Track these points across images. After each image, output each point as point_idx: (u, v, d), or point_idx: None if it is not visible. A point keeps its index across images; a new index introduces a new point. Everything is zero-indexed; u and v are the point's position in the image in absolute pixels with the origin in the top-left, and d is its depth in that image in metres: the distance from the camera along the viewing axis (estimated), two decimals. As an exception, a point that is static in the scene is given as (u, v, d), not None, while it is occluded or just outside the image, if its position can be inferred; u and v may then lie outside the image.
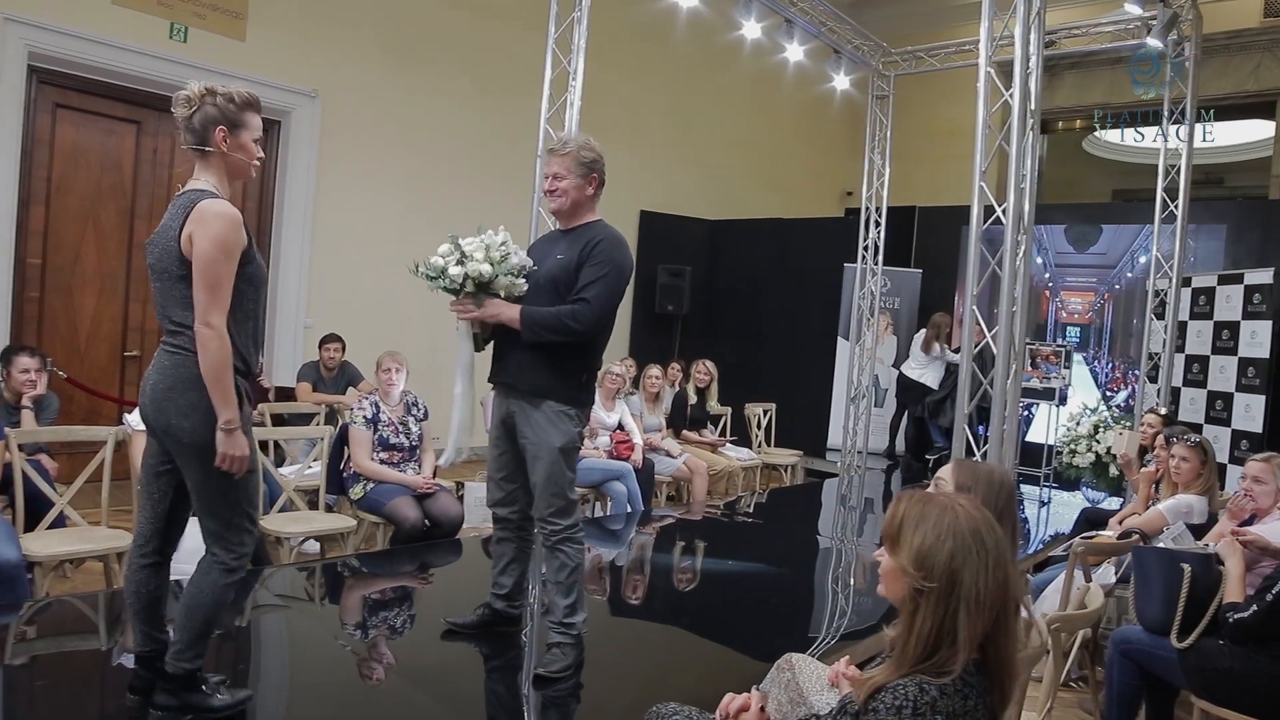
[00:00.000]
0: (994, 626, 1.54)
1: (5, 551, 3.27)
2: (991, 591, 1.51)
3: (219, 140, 2.34)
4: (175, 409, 2.27)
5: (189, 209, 2.25)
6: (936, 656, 1.52)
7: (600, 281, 2.81)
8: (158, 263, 2.31)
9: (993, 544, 1.53)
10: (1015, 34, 3.79)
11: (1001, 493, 2.19)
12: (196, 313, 2.23)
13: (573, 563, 2.90)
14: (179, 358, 2.28)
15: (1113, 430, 6.95)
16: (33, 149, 5.95)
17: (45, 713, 2.60)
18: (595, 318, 2.82)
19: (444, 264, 2.82)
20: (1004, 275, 3.81)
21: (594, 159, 2.95)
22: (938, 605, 1.51)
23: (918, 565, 1.53)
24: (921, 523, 1.55)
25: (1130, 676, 3.18)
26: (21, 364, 4.26)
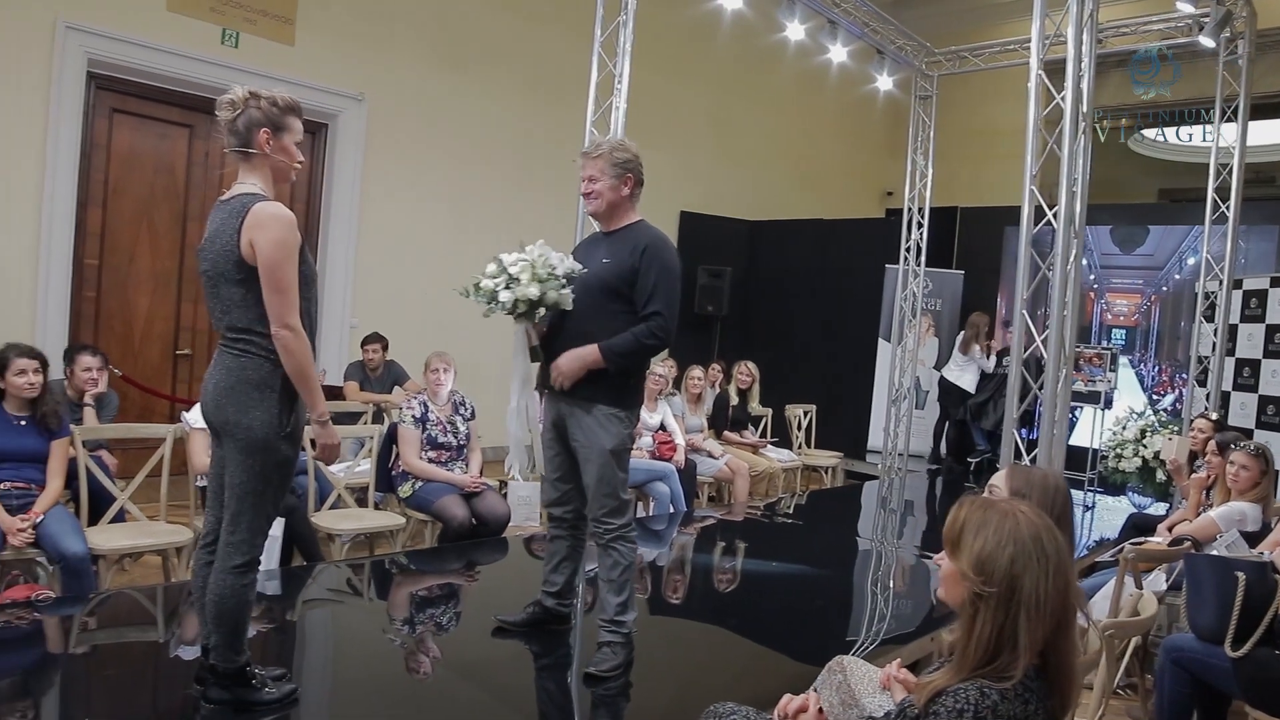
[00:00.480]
0: (1055, 633, 1.54)
1: (73, 545, 3.38)
2: (1052, 598, 1.52)
3: (262, 142, 2.38)
4: (234, 407, 2.31)
5: (243, 213, 2.28)
6: (997, 661, 1.52)
7: (660, 290, 2.87)
8: (213, 268, 2.34)
9: (1053, 550, 1.54)
10: (1068, 34, 3.75)
11: (1057, 498, 2.18)
12: (271, 316, 2.27)
13: (625, 561, 2.94)
14: (243, 359, 2.32)
15: (1160, 435, 6.84)
16: (91, 153, 6.12)
17: (110, 701, 2.69)
18: (671, 328, 2.90)
19: (493, 287, 2.87)
20: (1054, 279, 3.78)
21: (628, 159, 2.97)
22: (998, 610, 1.52)
23: (978, 570, 1.54)
24: (983, 528, 1.56)
25: (1182, 685, 3.14)
26: (84, 362, 4.38)
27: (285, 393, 2.35)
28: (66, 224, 5.96)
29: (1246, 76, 6.58)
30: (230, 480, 2.36)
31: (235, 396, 2.31)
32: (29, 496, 3.52)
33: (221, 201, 2.39)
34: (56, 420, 3.65)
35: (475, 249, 7.95)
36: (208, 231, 2.38)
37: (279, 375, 2.33)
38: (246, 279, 2.29)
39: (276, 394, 2.33)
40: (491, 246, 8.55)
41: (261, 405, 2.30)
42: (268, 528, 2.44)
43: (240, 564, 2.36)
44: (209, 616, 2.38)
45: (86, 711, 2.61)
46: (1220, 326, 6.76)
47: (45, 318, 5.88)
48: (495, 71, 8.05)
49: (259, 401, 2.30)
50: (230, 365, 2.33)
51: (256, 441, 2.30)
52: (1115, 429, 7.44)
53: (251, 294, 2.30)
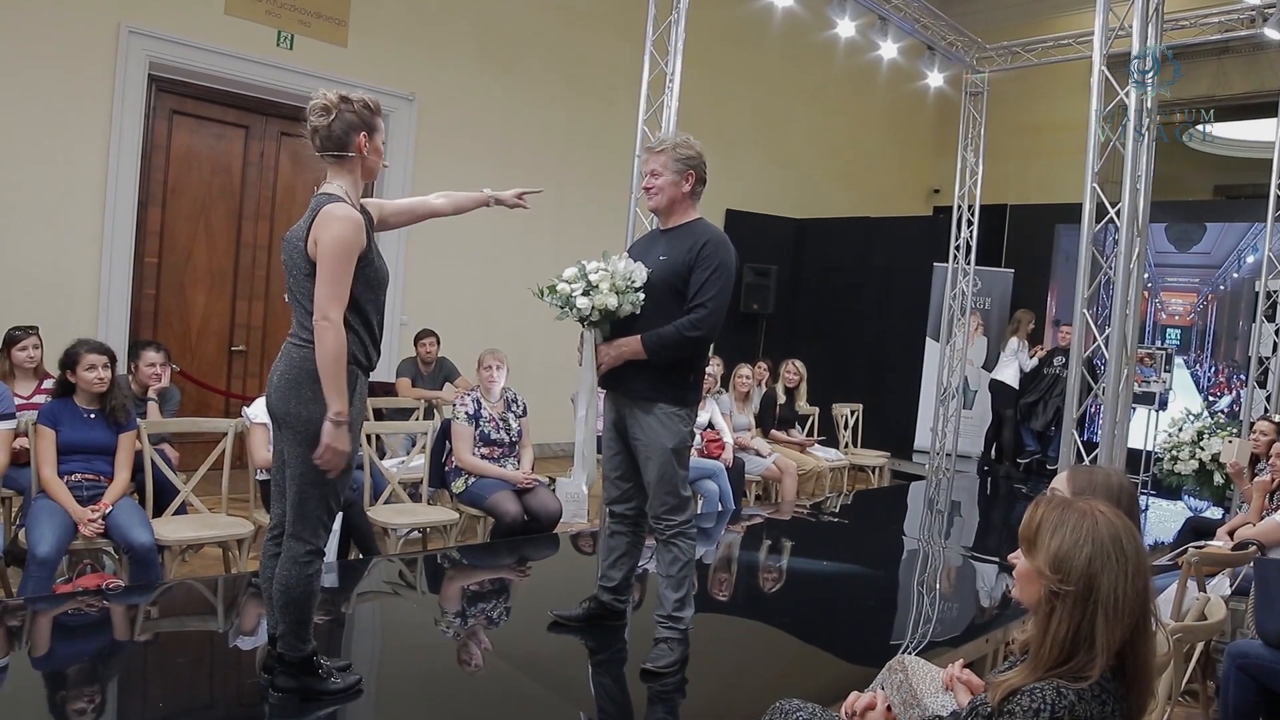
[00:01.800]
0: (1133, 634, 1.53)
1: (141, 535, 3.47)
2: (1130, 599, 1.51)
3: (360, 145, 2.44)
4: (298, 398, 2.36)
5: (315, 212, 2.36)
6: (1073, 661, 1.51)
7: (711, 283, 2.85)
8: (288, 260, 2.43)
9: (1133, 551, 1.52)
10: (1133, 27, 3.68)
11: (1123, 498, 2.15)
12: (315, 305, 2.31)
13: (685, 557, 2.95)
14: (306, 351, 2.36)
15: (1218, 437, 6.69)
16: (151, 153, 6.27)
17: (175, 688, 2.76)
18: (715, 323, 2.87)
19: (570, 292, 2.88)
20: (1116, 279, 3.72)
21: (690, 155, 2.97)
22: (1074, 609, 1.51)
23: (1055, 568, 1.53)
24: (1060, 527, 1.55)
25: (1248, 692, 3.08)
26: (148, 358, 4.49)
27: (356, 391, 2.41)
28: (128, 223, 6.12)
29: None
30: (291, 472, 2.41)
31: (298, 389, 2.36)
32: (99, 488, 3.62)
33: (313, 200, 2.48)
34: (125, 414, 3.75)
35: (522, 248, 8.11)
36: (292, 229, 2.47)
37: (350, 373, 2.38)
38: (312, 274, 2.35)
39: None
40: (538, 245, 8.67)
41: (322, 398, 2.33)
42: (330, 519, 2.48)
43: (305, 554, 2.41)
44: (276, 606, 2.44)
45: (152, 698, 2.67)
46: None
47: (107, 314, 6.04)
48: (543, 71, 8.11)
49: (320, 394, 2.33)
50: (294, 358, 2.39)
51: (317, 434, 2.34)
52: (1171, 431, 7.29)
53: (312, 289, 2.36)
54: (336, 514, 2.57)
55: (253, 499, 4.26)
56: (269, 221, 6.89)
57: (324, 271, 2.31)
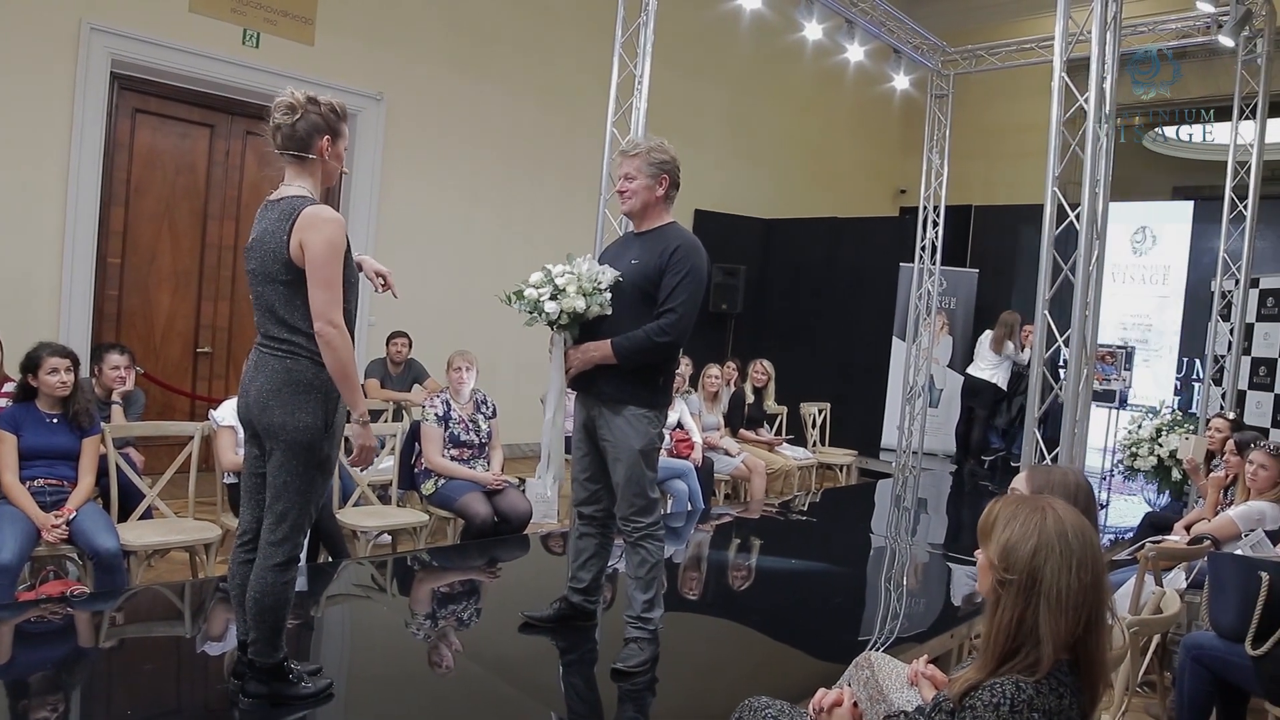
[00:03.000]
0: (1085, 628, 1.57)
1: (106, 541, 3.43)
2: (1074, 591, 1.55)
3: (322, 148, 2.39)
4: (281, 409, 2.32)
5: (293, 215, 2.29)
6: (1020, 654, 1.56)
7: (681, 288, 2.86)
8: (260, 268, 2.34)
9: (1079, 546, 1.57)
10: (1092, 34, 3.76)
11: (1079, 495, 2.21)
12: (315, 313, 2.28)
13: (653, 559, 2.97)
14: (288, 361, 2.33)
15: (1175, 434, 6.84)
16: (114, 152, 6.19)
17: (143, 695, 2.73)
18: (684, 327, 2.88)
19: (537, 297, 2.89)
20: (1077, 280, 3.80)
21: (665, 159, 2.98)
22: (1018, 598, 1.57)
23: (1002, 559, 1.60)
24: (1011, 521, 1.62)
25: (1202, 682, 3.16)
26: (113, 361, 4.44)
27: (329, 394, 2.37)
28: (90, 223, 6.03)
29: (1266, 75, 6.57)
30: (274, 480, 2.37)
31: (282, 399, 2.32)
32: (62, 493, 3.57)
33: (270, 202, 2.40)
34: (88, 418, 3.70)
35: (493, 248, 8.09)
36: (256, 231, 2.39)
37: (323, 377, 2.34)
38: (294, 280, 2.30)
39: (322, 395, 2.35)
40: (509, 247, 8.63)
41: (307, 407, 2.32)
42: (309, 525, 2.47)
43: (281, 561, 2.38)
44: (249, 614, 2.40)
45: (118, 706, 2.65)
46: (1237, 325, 6.75)
47: (69, 316, 5.95)
48: (513, 71, 8.09)
49: (305, 404, 2.32)
50: (276, 368, 2.34)
51: (302, 443, 2.32)
52: (1131, 428, 7.44)
53: (299, 295, 2.31)
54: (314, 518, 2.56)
55: (220, 503, 4.23)
56: (235, 221, 6.83)
57: (319, 276, 2.27)
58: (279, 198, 2.39)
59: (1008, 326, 7.90)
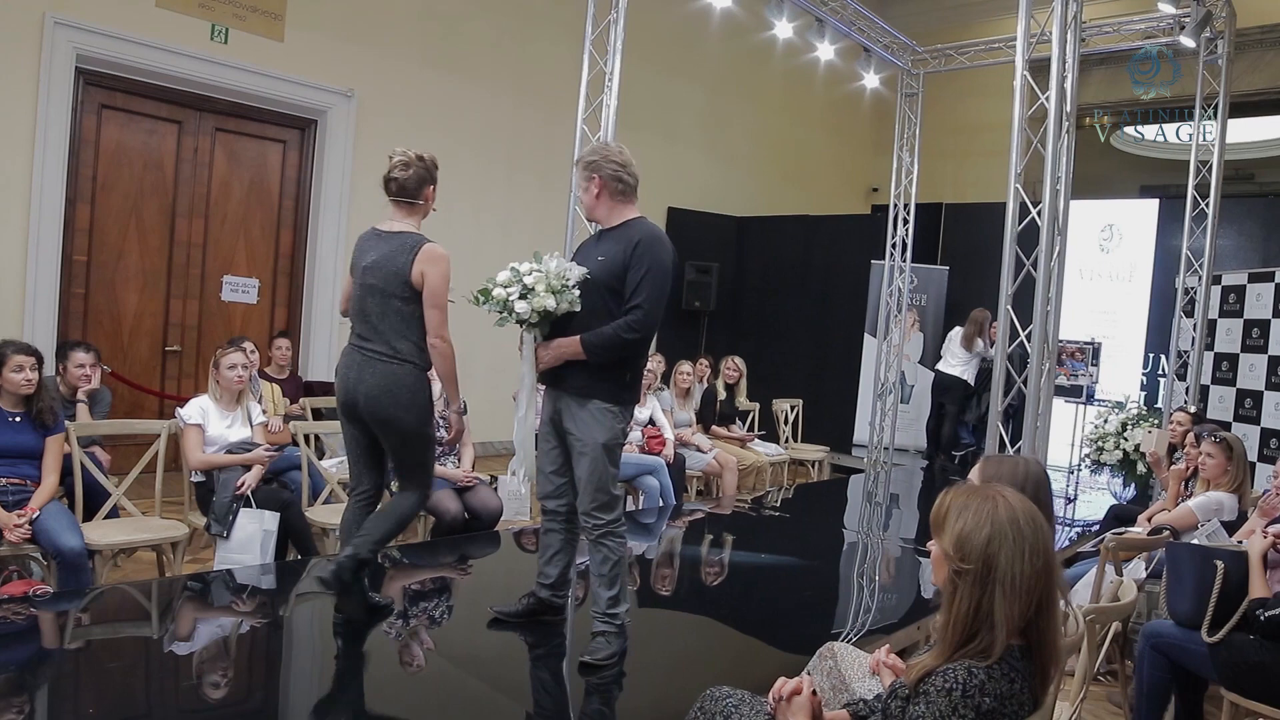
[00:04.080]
0: (1036, 613, 1.61)
1: (70, 540, 3.40)
2: (1028, 577, 1.59)
3: (429, 195, 3.11)
4: (395, 406, 2.99)
5: (415, 249, 2.98)
6: (976, 639, 1.60)
7: (645, 284, 2.88)
8: (383, 286, 2.98)
9: (1030, 532, 1.61)
10: (1053, 34, 3.82)
11: (1028, 484, 2.24)
12: (431, 329, 2.99)
13: (615, 556, 2.98)
14: (395, 367, 2.99)
15: (1140, 428, 6.95)
16: (79, 149, 6.11)
17: (108, 696, 2.71)
18: (650, 323, 2.92)
19: (506, 296, 2.91)
20: (1039, 275, 3.86)
21: (591, 160, 3.04)
22: (974, 587, 1.61)
23: (957, 549, 1.63)
24: (964, 511, 1.65)
25: (1160, 670, 3.22)
26: (78, 359, 4.40)
27: (426, 391, 3.08)
28: (55, 220, 5.95)
29: (1226, 76, 6.68)
30: (400, 459, 3.14)
31: (396, 398, 2.99)
32: (25, 493, 3.54)
33: (384, 233, 3.08)
34: (52, 416, 3.66)
35: (468, 247, 8.06)
36: (374, 255, 3.02)
37: (423, 380, 3.04)
38: (410, 299, 2.98)
39: (423, 394, 3.05)
40: (483, 244, 8.65)
41: (415, 405, 3.02)
42: (432, 475, 3.26)
43: (418, 500, 3.21)
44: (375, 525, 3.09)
45: (84, 706, 2.63)
46: (1199, 322, 6.87)
47: (34, 314, 5.87)
48: (485, 69, 8.07)
49: (413, 402, 3.01)
50: (384, 372, 2.99)
51: (414, 431, 3.06)
52: (1097, 422, 7.55)
53: (414, 313, 2.98)
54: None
55: (187, 501, 4.20)
56: (204, 219, 6.77)
57: (437, 301, 2.98)
58: (393, 231, 3.07)
59: (977, 324, 7.97)
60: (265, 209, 7.13)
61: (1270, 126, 10.06)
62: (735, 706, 1.97)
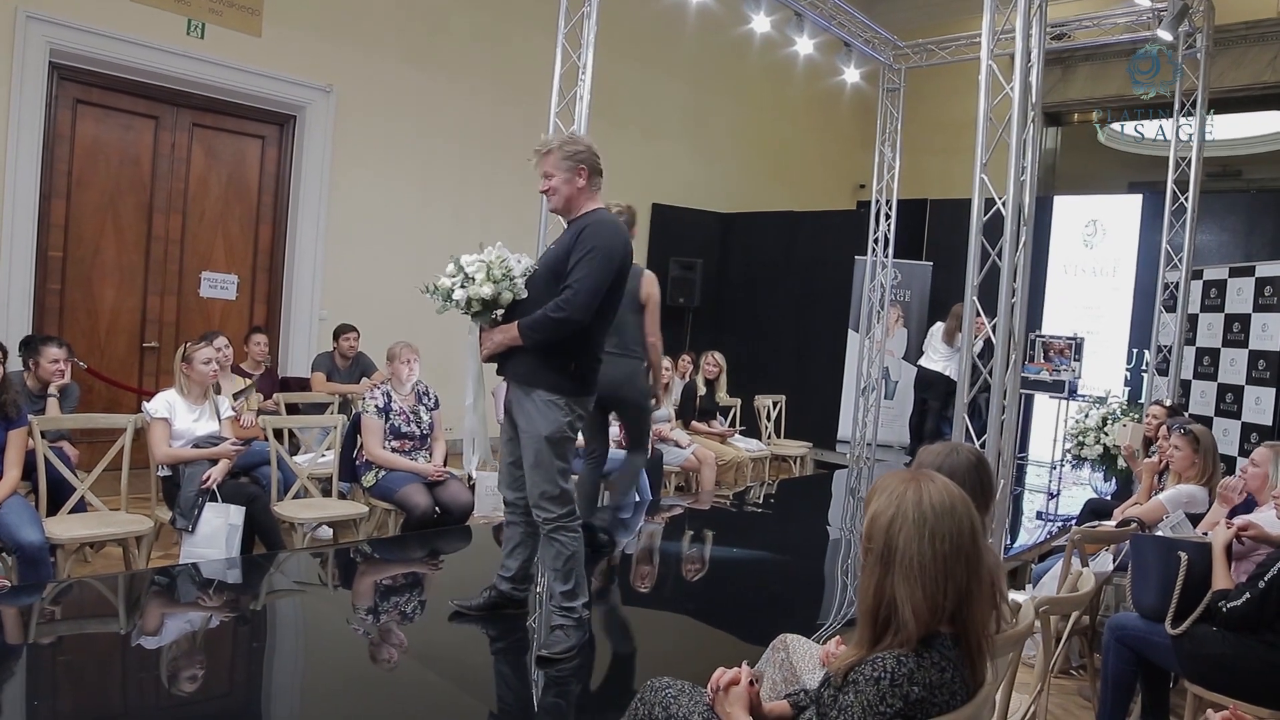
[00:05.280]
0: (957, 603, 1.59)
1: (30, 534, 3.38)
2: (930, 561, 1.57)
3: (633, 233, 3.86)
4: (633, 390, 4.23)
5: (641, 274, 4.09)
6: (890, 628, 1.58)
7: (582, 265, 2.84)
8: (630, 304, 3.91)
9: (934, 517, 1.59)
10: (1016, 26, 3.82)
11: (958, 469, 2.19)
12: (652, 331, 4.20)
13: (568, 551, 2.96)
14: (635, 363, 4.21)
15: (1120, 423, 6.95)
16: (54, 144, 6.07)
17: (68, 689, 2.69)
18: (580, 303, 2.83)
19: (449, 286, 2.90)
20: (1004, 267, 3.85)
21: (578, 150, 3.01)
22: (874, 568, 1.61)
23: (866, 529, 1.65)
24: (881, 493, 1.66)
25: (1126, 662, 3.22)
26: (51, 354, 4.38)
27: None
28: (29, 216, 5.91)
29: (1204, 70, 6.67)
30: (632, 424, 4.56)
31: (635, 383, 4.24)
32: (-14, 487, 3.52)
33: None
34: (15, 410, 3.64)
35: (444, 241, 7.98)
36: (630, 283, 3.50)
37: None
38: (639, 311, 4.14)
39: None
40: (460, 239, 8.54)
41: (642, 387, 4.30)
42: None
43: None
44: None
45: (46, 700, 2.61)
46: (1180, 316, 6.87)
47: (8, 310, 5.83)
48: (463, 64, 8.04)
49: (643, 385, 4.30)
50: (626, 366, 4.12)
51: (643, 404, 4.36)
52: (1079, 417, 7.55)
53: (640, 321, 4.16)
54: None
55: (154, 495, 4.18)
56: (181, 215, 6.74)
57: (655, 312, 4.23)
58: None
59: (959, 319, 7.93)
60: (244, 204, 7.10)
61: (1257, 123, 10.08)
62: (674, 697, 1.95)
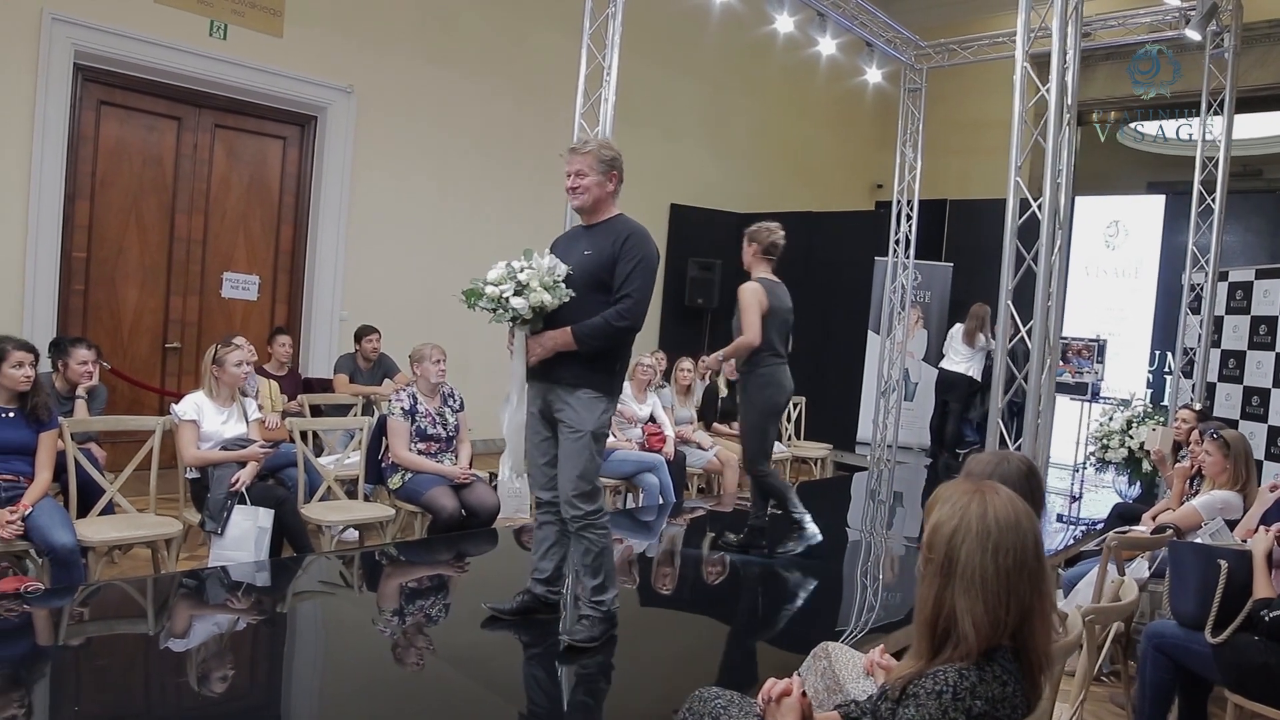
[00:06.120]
0: (1020, 618, 1.56)
1: (62, 536, 3.38)
2: (991, 575, 1.54)
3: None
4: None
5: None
6: (950, 641, 1.55)
7: (635, 275, 2.96)
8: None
9: (998, 530, 1.55)
10: (1053, 27, 3.78)
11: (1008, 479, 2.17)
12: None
13: (597, 548, 3.02)
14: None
15: (1145, 426, 6.89)
16: (78, 145, 6.09)
17: (101, 692, 2.69)
18: (640, 311, 2.99)
19: (499, 293, 2.90)
20: (1039, 270, 3.81)
21: (614, 157, 3.09)
22: (934, 579, 1.58)
23: (927, 540, 1.62)
24: (944, 503, 1.63)
25: (1164, 671, 3.18)
26: (80, 355, 4.39)
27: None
28: (54, 217, 5.93)
29: (1233, 70, 6.61)
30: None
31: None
32: (17, 489, 3.52)
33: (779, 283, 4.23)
34: (47, 412, 3.65)
35: (462, 242, 8.04)
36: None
37: None
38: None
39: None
40: (479, 239, 8.58)
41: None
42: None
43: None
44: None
45: (77, 703, 2.61)
46: (1206, 318, 6.81)
47: (33, 311, 5.85)
48: (484, 64, 8.04)
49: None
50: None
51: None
52: (1102, 420, 7.49)
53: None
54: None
55: (182, 498, 4.18)
56: (203, 215, 6.75)
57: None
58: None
59: (979, 319, 7.92)
60: (265, 205, 7.11)
61: (1276, 122, 9.98)
62: (724, 708, 1.93)
